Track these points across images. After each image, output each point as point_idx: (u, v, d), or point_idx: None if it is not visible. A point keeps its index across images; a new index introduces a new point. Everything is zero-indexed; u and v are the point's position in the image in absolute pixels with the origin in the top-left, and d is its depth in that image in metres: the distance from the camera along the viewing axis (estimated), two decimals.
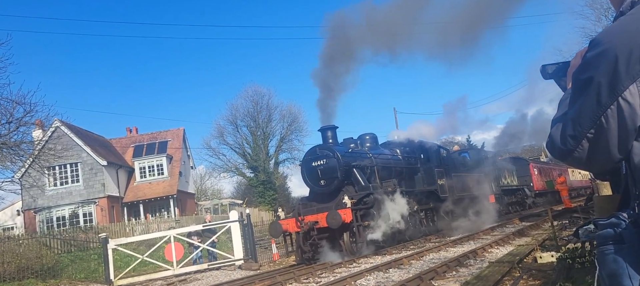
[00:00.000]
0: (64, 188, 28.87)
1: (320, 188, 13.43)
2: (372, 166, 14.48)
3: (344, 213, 11.85)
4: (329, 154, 13.33)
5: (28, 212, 28.23)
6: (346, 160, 13.36)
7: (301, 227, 12.30)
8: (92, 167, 29.20)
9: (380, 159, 15.18)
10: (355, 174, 13.49)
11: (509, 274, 7.33)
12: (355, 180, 13.53)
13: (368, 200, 13.06)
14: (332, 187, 13.23)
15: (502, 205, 22.56)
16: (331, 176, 13.23)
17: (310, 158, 13.72)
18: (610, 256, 1.10)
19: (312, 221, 12.19)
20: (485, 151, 25.03)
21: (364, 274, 9.01)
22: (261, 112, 41.54)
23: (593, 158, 1.16)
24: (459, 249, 12.17)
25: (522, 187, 26.90)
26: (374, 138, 16.44)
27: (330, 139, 14.11)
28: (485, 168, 21.56)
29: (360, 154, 14.40)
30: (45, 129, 25.30)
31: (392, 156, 16.23)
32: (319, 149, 13.65)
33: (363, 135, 16.38)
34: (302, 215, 12.53)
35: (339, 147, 13.85)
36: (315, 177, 13.40)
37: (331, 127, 14.29)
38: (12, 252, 15.75)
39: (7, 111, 14.85)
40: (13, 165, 16.17)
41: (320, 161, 13.37)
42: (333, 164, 13.18)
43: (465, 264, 9.22)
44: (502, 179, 23.67)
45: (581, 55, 1.28)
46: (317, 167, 13.36)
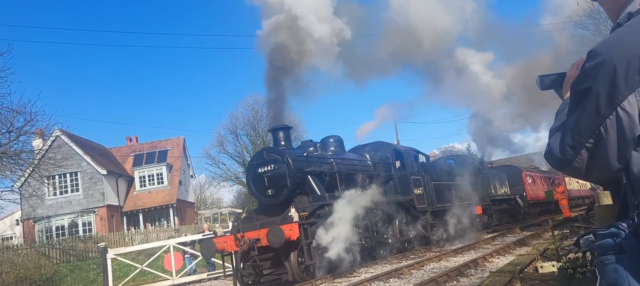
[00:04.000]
0: (63, 197, 28.82)
1: (267, 199, 11.46)
2: (333, 172, 12.43)
3: (289, 228, 9.85)
4: (277, 159, 11.33)
5: (27, 222, 28.15)
6: (298, 165, 11.40)
7: (240, 245, 10.28)
8: (92, 176, 29.17)
9: (344, 165, 13.20)
10: (310, 182, 11.53)
11: (510, 284, 7.29)
12: (309, 189, 11.55)
13: (322, 212, 11.04)
14: (281, 197, 11.19)
15: (490, 216, 21.12)
16: (280, 185, 11.21)
17: (256, 163, 11.72)
18: (610, 266, 1.10)
19: (253, 238, 10.17)
20: (474, 158, 23.02)
21: (364, 283, 8.97)
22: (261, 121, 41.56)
23: (592, 168, 1.17)
24: (459, 258, 12.12)
25: (513, 197, 25.22)
26: (339, 141, 14.39)
27: (283, 141, 12.16)
28: (474, 176, 19.88)
29: (317, 159, 12.32)
30: (46, 138, 25.33)
31: (359, 161, 14.15)
32: (266, 153, 11.73)
33: (326, 138, 14.42)
34: (242, 231, 10.46)
35: (291, 150, 11.91)
36: (262, 185, 11.41)
37: (283, 127, 12.40)
38: (10, 262, 15.70)
39: (8, 120, 14.90)
40: (13, 174, 16.19)
41: (267, 166, 11.35)
42: (282, 171, 11.19)
43: (466, 274, 9.18)
44: (491, 189, 21.96)
45: (577, 66, 1.29)
46: (264, 173, 11.36)
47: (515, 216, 25.07)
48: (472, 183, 19.21)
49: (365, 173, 13.56)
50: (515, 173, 27.14)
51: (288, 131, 12.54)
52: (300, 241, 10.08)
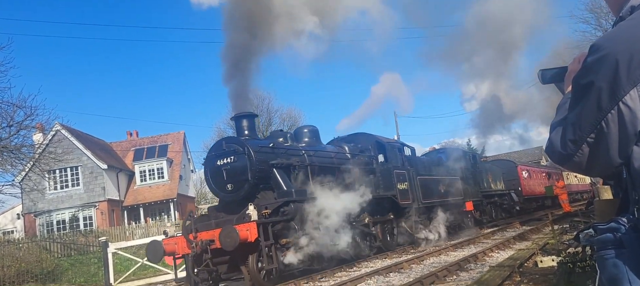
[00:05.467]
0: (64, 192, 28.88)
1: (227, 194, 10.30)
2: (304, 165, 11.22)
3: (245, 228, 8.64)
4: (238, 150, 10.12)
5: (28, 216, 28.23)
6: (262, 157, 10.22)
7: (192, 248, 9.03)
8: (93, 170, 29.22)
9: (318, 158, 11.93)
10: (276, 176, 10.38)
11: (510, 278, 7.32)
12: (275, 184, 10.41)
13: (287, 210, 9.92)
14: (241, 193, 10.04)
15: (482, 213, 20.16)
16: (240, 179, 10.04)
17: (214, 154, 10.51)
18: (610, 260, 1.10)
19: (207, 239, 8.91)
20: (466, 151, 21.88)
21: (364, 278, 9.00)
22: (261, 115, 41.50)
23: (593, 163, 1.17)
24: (459, 253, 12.15)
25: (508, 192, 24.08)
26: (314, 132, 13.05)
27: (246, 130, 10.87)
28: (465, 171, 18.98)
29: (286, 151, 11.11)
30: (46, 132, 25.33)
31: (336, 154, 12.86)
32: (225, 143, 10.46)
33: (300, 128, 13.27)
34: (195, 231, 9.22)
35: (254, 141, 10.69)
36: (221, 180, 10.25)
37: (247, 115, 11.04)
38: (12, 256, 15.75)
39: (8, 114, 14.91)
40: (13, 169, 16.22)
41: (226, 158, 10.22)
42: (243, 163, 10.01)
43: (465, 268, 9.20)
44: (484, 184, 20.90)
45: (578, 60, 1.28)
46: (223, 166, 10.20)
47: (510, 212, 24.04)
48: (464, 178, 18.44)
49: (342, 166, 12.42)
50: (510, 167, 26.28)
51: (252, 120, 11.23)
52: (259, 243, 8.83)
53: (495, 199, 22.47)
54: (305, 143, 12.34)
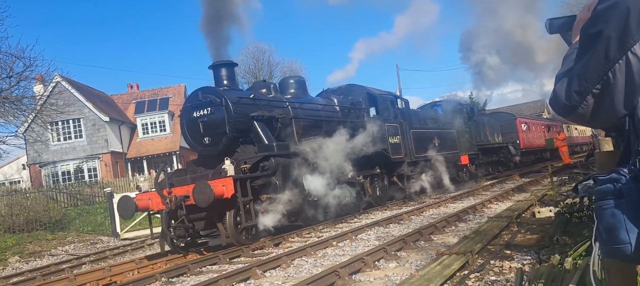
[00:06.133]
0: (67, 143, 29.11)
1: (204, 148, 9.85)
2: (288, 118, 10.65)
3: (221, 184, 8.20)
4: (215, 101, 9.58)
5: (33, 166, 28.60)
6: (241, 109, 9.70)
7: (166, 203, 8.52)
8: (95, 123, 29.30)
9: (304, 110, 11.37)
10: (257, 129, 9.87)
11: (507, 228, 7.48)
12: (255, 137, 9.92)
13: (267, 165, 9.47)
14: (219, 147, 9.59)
15: (478, 166, 19.88)
16: (217, 132, 9.58)
17: (190, 105, 9.96)
18: (608, 210, 1.12)
19: (181, 195, 8.41)
20: (463, 104, 21.06)
21: (364, 229, 9.21)
22: (262, 68, 41.11)
23: (597, 114, 1.16)
24: (458, 205, 12.36)
25: (506, 145, 23.64)
26: (301, 82, 12.60)
27: (226, 80, 10.23)
28: (462, 124, 18.60)
29: (268, 102, 10.52)
30: (46, 84, 25.19)
31: (324, 106, 12.32)
32: (201, 93, 9.83)
33: (286, 79, 12.74)
34: (170, 187, 8.68)
35: (233, 91, 10.08)
36: (197, 132, 9.77)
37: (226, 64, 10.34)
38: (20, 205, 16.10)
39: (7, 65, 14.78)
40: (16, 120, 16.24)
41: (203, 110, 9.68)
42: (220, 115, 9.51)
43: (464, 219, 9.39)
44: (481, 137, 20.53)
45: (589, 8, 1.25)
46: (199, 118, 9.69)
47: (507, 166, 23.85)
48: (460, 131, 18.14)
49: (330, 120, 12.02)
50: (508, 120, 25.80)
51: (232, 69, 10.56)
52: (235, 199, 8.41)
53: (494, 155, 22.25)
54: (291, 94, 11.80)
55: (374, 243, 7.82)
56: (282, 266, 6.67)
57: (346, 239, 8.35)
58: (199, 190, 7.97)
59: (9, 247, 11.77)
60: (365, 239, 8.38)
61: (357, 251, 7.12)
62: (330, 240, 8.12)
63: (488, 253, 5.89)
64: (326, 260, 6.91)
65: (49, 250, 12.04)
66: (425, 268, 5.21)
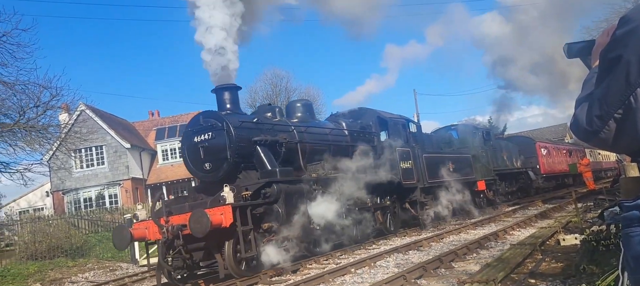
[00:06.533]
0: (90, 170, 29.72)
1: (205, 174, 9.41)
2: (293, 142, 10.20)
3: (219, 212, 7.71)
4: (216, 126, 9.20)
5: (56, 193, 29.20)
6: (243, 134, 9.25)
7: (163, 233, 8.00)
8: (116, 150, 29.91)
9: (310, 134, 10.88)
10: (259, 154, 9.40)
11: (531, 256, 7.27)
12: (258, 162, 9.43)
13: (270, 192, 8.88)
14: (220, 173, 9.12)
15: (496, 192, 19.15)
16: (218, 158, 9.14)
17: (191, 130, 9.57)
18: (636, 238, 1.09)
19: (179, 224, 7.88)
20: (479, 128, 20.34)
21: (383, 255, 9.06)
22: (280, 94, 41.61)
23: (620, 139, 1.14)
24: (479, 231, 12.11)
25: (525, 170, 22.82)
26: (308, 106, 12.12)
27: (229, 104, 9.79)
28: (478, 148, 18.01)
29: (272, 126, 10.06)
30: (71, 112, 25.89)
31: (331, 130, 11.81)
32: (203, 117, 9.44)
33: (292, 102, 12.22)
34: (167, 215, 8.19)
35: (235, 115, 9.61)
36: (198, 158, 9.37)
37: (228, 87, 9.84)
38: (43, 232, 16.36)
39: (35, 95, 15.22)
40: (41, 148, 16.63)
41: (204, 134, 9.29)
42: (221, 140, 9.10)
43: (486, 246, 9.18)
44: (498, 162, 19.84)
45: (608, 33, 1.24)
46: (200, 143, 9.28)
47: (527, 192, 23.02)
48: (476, 156, 17.57)
49: (338, 144, 11.58)
50: (527, 144, 25.02)
51: (236, 92, 10.08)
52: (234, 228, 7.87)
53: (513, 181, 21.58)
54: (297, 118, 11.38)
55: (393, 270, 7.68)
56: None
57: (365, 266, 8.23)
58: (195, 219, 7.51)
59: (31, 274, 11.93)
60: (384, 266, 8.24)
61: (376, 279, 7.00)
62: (349, 267, 8.02)
63: (512, 281, 5.72)
64: None
65: (70, 277, 12.16)
66: None
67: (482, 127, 21.94)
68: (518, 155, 22.75)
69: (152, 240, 8.62)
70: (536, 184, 23.80)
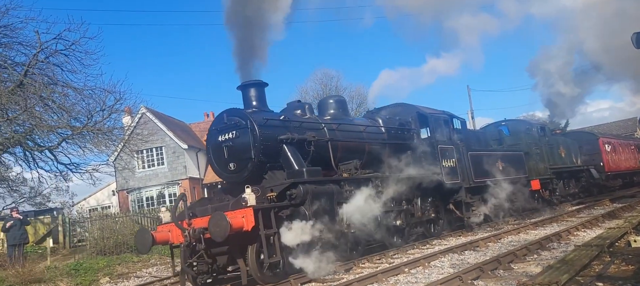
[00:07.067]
0: (151, 170, 31.33)
1: (230, 175, 8.99)
2: (323, 141, 9.64)
3: (240, 215, 7.33)
4: (240, 124, 8.77)
5: (121, 192, 31.03)
6: (268, 132, 8.77)
7: (185, 236, 7.67)
8: (175, 150, 31.31)
9: (341, 132, 10.31)
10: (286, 154, 8.92)
11: (598, 258, 6.86)
12: (285, 162, 8.92)
13: (295, 193, 8.26)
14: (244, 173, 8.71)
15: (552, 192, 17.97)
16: (243, 157, 8.72)
17: (215, 129, 9.17)
18: None
19: (201, 227, 7.49)
20: (534, 123, 19.32)
21: (438, 255, 8.88)
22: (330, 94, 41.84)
23: None
24: (540, 231, 11.59)
25: (587, 168, 21.44)
26: (341, 103, 11.50)
27: (255, 101, 9.33)
28: (532, 145, 17.02)
29: (300, 124, 9.51)
30: (133, 115, 27.40)
31: (366, 128, 11.18)
32: (227, 115, 9.00)
33: (324, 99, 11.68)
34: (190, 217, 7.84)
35: (260, 113, 9.08)
36: (222, 158, 8.97)
37: (254, 83, 9.38)
38: (110, 228, 17.43)
39: (101, 99, 16.27)
40: (107, 149, 17.75)
41: (228, 133, 8.89)
42: (245, 139, 8.67)
43: (547, 247, 8.77)
44: (555, 159, 18.57)
45: None
46: (224, 143, 8.90)
47: (589, 191, 21.57)
48: (529, 153, 16.56)
49: (373, 142, 11.03)
50: (589, 140, 23.40)
51: (262, 89, 9.55)
52: (257, 232, 7.39)
53: (571, 178, 20.18)
54: (330, 115, 10.90)
55: (448, 270, 7.52)
56: None
57: (419, 266, 8.10)
58: (215, 223, 7.10)
59: (101, 268, 12.71)
60: (439, 266, 8.08)
61: (430, 279, 6.88)
62: (402, 267, 7.93)
63: (576, 284, 5.43)
64: None
65: (135, 272, 12.82)
66: None
67: (537, 122, 20.76)
68: (578, 152, 21.32)
69: (176, 244, 8.17)
70: (599, 183, 22.23)
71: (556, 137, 20.39)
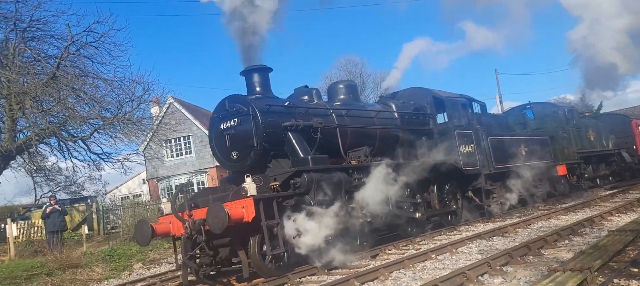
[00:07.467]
0: (179, 159, 32.03)
1: (233, 164, 8.70)
2: (331, 127, 9.28)
3: (240, 206, 7.03)
4: (242, 110, 8.44)
5: (151, 181, 31.88)
6: (271, 119, 8.43)
7: (186, 228, 7.43)
8: (202, 139, 31.82)
9: (351, 118, 9.89)
10: (291, 141, 8.59)
11: (634, 243, 6.66)
12: (290, 150, 8.60)
13: (299, 182, 7.93)
14: (247, 162, 8.39)
15: (580, 177, 17.25)
16: (245, 145, 8.41)
17: (217, 116, 8.87)
18: None
19: (201, 219, 7.23)
20: (560, 106, 18.69)
21: (465, 242, 8.80)
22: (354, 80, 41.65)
23: None
24: (572, 217, 11.32)
25: (618, 151, 20.44)
26: (351, 87, 11.01)
27: (258, 87, 8.98)
28: (559, 129, 16.38)
29: (306, 110, 9.14)
30: (161, 105, 27.97)
31: (378, 113, 10.74)
32: (229, 102, 8.67)
33: (334, 84, 11.10)
34: (190, 208, 7.57)
35: (263, 99, 8.71)
36: (224, 147, 8.68)
37: (258, 68, 9.00)
38: (141, 216, 17.94)
39: (130, 90, 16.64)
40: (137, 139, 18.20)
41: (230, 121, 8.59)
42: (247, 127, 8.35)
43: (579, 233, 8.57)
44: (583, 143, 17.85)
45: None
46: (226, 131, 8.61)
47: (621, 176, 20.59)
48: (556, 137, 15.97)
49: (386, 128, 10.63)
50: (621, 123, 22.17)
51: (266, 74, 9.15)
52: (257, 223, 7.10)
53: (603, 164, 19.44)
54: (340, 101, 10.44)
55: (476, 256, 7.44)
56: (380, 278, 6.61)
57: (446, 252, 8.05)
58: (213, 214, 6.85)
59: (134, 255, 13.12)
60: (467, 252, 8.01)
61: (458, 265, 6.83)
62: (429, 253, 7.89)
63: (610, 270, 5.29)
64: (425, 273, 6.72)
65: (166, 258, 13.18)
66: (536, 285, 4.84)
67: (563, 105, 20.02)
68: (609, 135, 20.46)
69: (177, 236, 7.87)
70: (632, 167, 21.24)
71: (585, 120, 19.63)
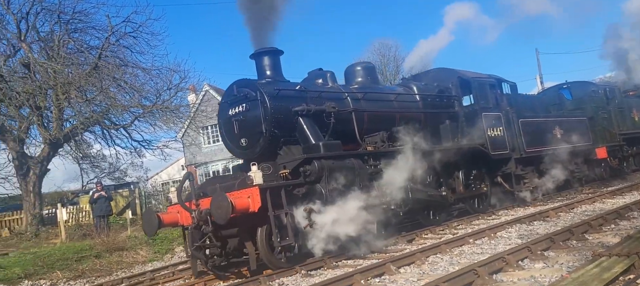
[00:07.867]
0: (216, 145, 32.72)
1: (242, 151, 8.43)
2: (346, 112, 8.82)
3: (245, 195, 6.74)
4: (250, 95, 8.07)
5: (190, 167, 32.74)
6: (280, 104, 8.04)
7: (193, 218, 7.17)
8: None
9: (368, 102, 9.39)
10: (302, 127, 8.18)
11: None
12: (301, 136, 8.21)
13: (310, 169, 7.55)
14: (256, 149, 8.08)
15: (623, 160, 16.28)
16: (254, 132, 8.06)
17: (225, 102, 8.55)
18: None
19: (207, 209, 6.95)
20: (600, 85, 17.56)
21: (504, 226, 8.62)
22: (388, 64, 40.97)
23: None
24: (618, 200, 10.88)
25: None
26: (369, 69, 10.48)
27: (268, 70, 8.57)
28: (599, 109, 15.50)
29: (319, 94, 8.66)
30: (197, 93, 28.58)
31: (398, 96, 10.20)
32: (237, 87, 8.31)
33: (351, 66, 10.44)
34: (198, 198, 7.28)
35: (272, 83, 8.29)
36: (233, 133, 8.37)
37: (268, 51, 8.57)
38: None
39: (167, 78, 17.09)
40: (175, 126, 18.74)
41: (238, 106, 8.25)
42: (256, 112, 8.00)
43: (627, 217, 8.20)
44: (627, 124, 16.66)
45: None
46: (234, 117, 8.29)
47: None
48: (595, 118, 15.08)
49: (406, 112, 10.09)
50: None
51: (277, 57, 8.74)
52: (264, 214, 6.83)
53: None
54: (358, 83, 9.95)
55: (516, 241, 7.27)
56: (416, 263, 6.57)
57: (484, 236, 7.91)
58: (216, 204, 6.61)
59: (175, 238, 13.57)
60: (506, 237, 7.84)
61: (497, 250, 6.70)
62: (467, 237, 7.77)
63: None
64: (463, 257, 6.63)
65: None
66: (579, 270, 4.68)
67: (604, 84, 18.56)
68: None
69: (186, 226, 7.64)
70: None
71: (629, 99, 18.31)
